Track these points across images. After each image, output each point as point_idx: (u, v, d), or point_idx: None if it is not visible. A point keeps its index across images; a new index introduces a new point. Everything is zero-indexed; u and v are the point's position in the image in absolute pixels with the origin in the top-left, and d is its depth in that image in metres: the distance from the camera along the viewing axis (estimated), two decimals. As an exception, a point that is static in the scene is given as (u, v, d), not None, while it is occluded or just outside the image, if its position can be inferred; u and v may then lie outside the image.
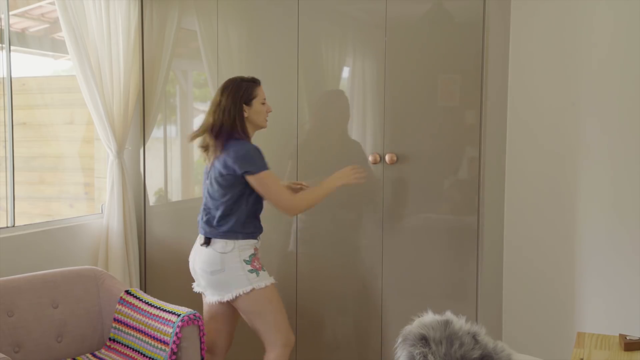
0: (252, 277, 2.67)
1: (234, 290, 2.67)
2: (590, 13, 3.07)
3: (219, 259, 2.67)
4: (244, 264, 2.67)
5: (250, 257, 2.69)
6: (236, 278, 2.67)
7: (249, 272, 2.67)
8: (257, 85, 2.76)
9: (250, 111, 2.71)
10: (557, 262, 3.19)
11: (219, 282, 2.69)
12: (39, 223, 3.27)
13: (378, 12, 3.01)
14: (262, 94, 2.76)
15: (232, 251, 2.67)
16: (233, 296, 2.68)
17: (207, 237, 2.73)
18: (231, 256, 2.66)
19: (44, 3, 3.53)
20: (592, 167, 3.10)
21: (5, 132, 3.15)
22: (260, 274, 2.69)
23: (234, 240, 2.67)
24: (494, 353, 1.87)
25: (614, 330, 2.72)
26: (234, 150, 2.64)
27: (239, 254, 2.67)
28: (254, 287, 2.67)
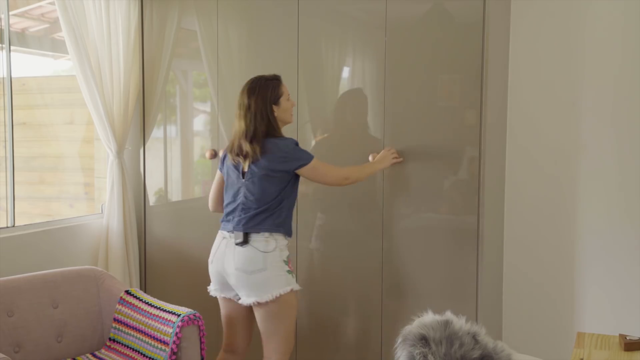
0: (289, 278, 2.65)
1: (274, 290, 2.61)
2: (590, 13, 3.07)
3: (261, 258, 2.61)
4: (283, 264, 2.65)
5: (287, 258, 2.68)
6: (277, 278, 2.62)
7: (287, 272, 2.66)
8: (280, 82, 2.74)
9: (279, 110, 2.71)
10: (557, 262, 3.19)
11: (259, 281, 2.62)
12: (39, 223, 3.27)
13: (378, 12, 3.01)
14: (287, 91, 2.76)
15: (274, 250, 2.63)
16: (273, 296, 2.61)
17: (245, 234, 2.64)
18: (273, 255, 2.63)
19: (44, 3, 3.53)
20: (592, 167, 3.10)
21: (5, 132, 3.15)
22: (294, 276, 2.69)
23: (275, 239, 2.64)
24: (494, 353, 1.87)
25: (614, 330, 2.72)
26: (278, 149, 2.65)
27: (280, 254, 2.64)
28: (292, 289, 2.65)
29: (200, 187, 3.64)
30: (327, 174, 2.73)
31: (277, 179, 2.66)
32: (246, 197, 2.69)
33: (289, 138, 2.71)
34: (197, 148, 3.60)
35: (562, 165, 3.16)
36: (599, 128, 3.08)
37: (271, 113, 2.68)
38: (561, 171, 3.16)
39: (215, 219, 3.46)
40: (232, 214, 2.72)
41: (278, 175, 2.65)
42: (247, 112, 2.67)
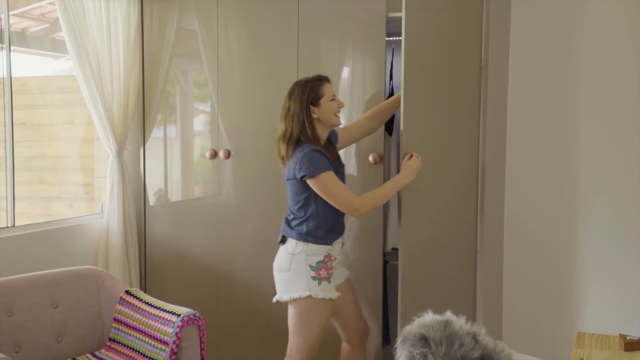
0: (312, 285, 2.62)
1: (292, 292, 2.64)
2: (591, 13, 3.07)
3: (288, 259, 2.66)
4: (308, 269, 2.63)
5: (317, 264, 2.63)
6: (297, 281, 2.63)
7: (312, 278, 2.63)
8: (322, 83, 2.68)
9: (319, 111, 2.65)
10: (557, 262, 3.19)
11: (282, 280, 2.68)
12: (39, 223, 3.27)
13: (378, 12, 3.01)
14: (330, 91, 2.68)
15: (299, 254, 2.63)
16: (290, 297, 2.64)
17: (283, 236, 2.72)
18: (298, 258, 2.64)
19: (44, 3, 3.53)
20: (592, 167, 3.10)
21: (5, 132, 3.15)
22: (322, 285, 2.63)
23: (303, 243, 2.64)
24: (494, 353, 1.87)
25: (614, 330, 2.72)
26: (295, 155, 2.62)
27: (306, 258, 2.63)
28: (310, 295, 2.62)
29: (200, 187, 3.64)
30: (336, 195, 2.60)
31: (298, 186, 2.64)
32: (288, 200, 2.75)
33: (311, 146, 2.61)
34: (197, 148, 3.60)
35: (562, 165, 3.16)
36: (599, 129, 3.08)
37: (308, 115, 2.64)
38: (561, 172, 3.17)
39: (215, 219, 3.46)
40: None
41: (295, 182, 2.64)
42: (287, 114, 2.67)
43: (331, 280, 2.66)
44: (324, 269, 2.64)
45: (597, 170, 3.09)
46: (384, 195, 2.67)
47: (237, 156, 3.38)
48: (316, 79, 2.68)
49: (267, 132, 3.32)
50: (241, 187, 3.41)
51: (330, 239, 2.67)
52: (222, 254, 3.45)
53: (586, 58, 3.10)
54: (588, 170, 3.11)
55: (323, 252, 2.65)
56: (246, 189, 3.40)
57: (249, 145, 3.37)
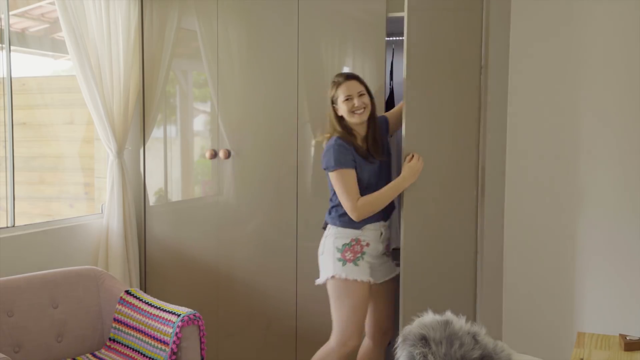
0: (337, 265, 2.72)
1: (322, 273, 2.80)
2: (590, 13, 3.07)
3: (322, 243, 2.83)
4: (335, 251, 2.74)
5: (343, 247, 2.74)
6: (327, 262, 2.76)
7: (337, 260, 2.73)
8: (339, 83, 2.77)
9: (339, 111, 2.78)
10: (557, 262, 3.19)
11: (320, 263, 2.83)
12: (39, 223, 3.27)
13: (378, 12, 3.01)
14: (345, 92, 2.74)
15: (329, 237, 2.78)
16: (322, 280, 2.78)
17: (325, 222, 2.86)
18: (329, 241, 2.78)
19: (44, 3, 3.53)
20: (591, 167, 3.10)
21: (5, 132, 3.15)
22: (347, 265, 2.72)
23: (334, 227, 2.77)
24: (494, 353, 1.87)
25: (614, 330, 2.72)
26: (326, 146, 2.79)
27: (334, 241, 2.75)
28: (334, 275, 2.72)
29: (200, 187, 3.64)
30: (341, 194, 2.72)
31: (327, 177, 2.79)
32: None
33: (335, 139, 2.75)
34: (197, 148, 3.60)
35: (562, 165, 3.16)
36: (599, 128, 3.08)
37: (333, 112, 2.79)
38: (561, 171, 3.17)
39: (215, 219, 3.46)
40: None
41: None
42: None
43: (358, 263, 2.73)
44: (349, 251, 2.73)
45: (597, 170, 3.09)
46: (384, 198, 2.72)
47: (237, 156, 3.38)
48: (337, 77, 2.80)
49: (267, 132, 3.33)
50: (241, 187, 3.41)
51: (358, 224, 2.74)
52: (222, 254, 3.45)
53: (586, 58, 3.10)
54: (588, 170, 3.11)
55: (350, 236, 2.74)
56: (246, 189, 3.40)
57: (249, 145, 3.37)
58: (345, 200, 2.69)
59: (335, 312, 2.79)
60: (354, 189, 2.70)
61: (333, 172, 2.71)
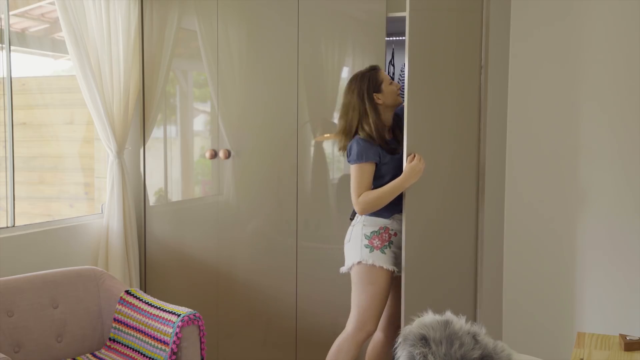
0: (364, 252, 2.73)
1: (349, 260, 2.79)
2: (590, 13, 3.07)
3: (350, 231, 2.83)
4: (363, 238, 2.75)
5: (372, 234, 2.75)
6: (354, 249, 2.77)
7: (365, 246, 2.74)
8: (378, 71, 2.81)
9: (383, 97, 2.77)
10: (557, 262, 3.19)
11: (346, 251, 2.82)
12: (39, 223, 3.27)
13: (378, 12, 3.01)
14: (386, 76, 2.81)
15: (357, 224, 2.79)
16: (348, 267, 2.79)
17: (353, 211, 2.84)
18: (357, 229, 2.78)
19: (44, 3, 3.53)
20: (592, 167, 3.10)
21: (5, 132, 3.15)
22: (374, 252, 2.74)
23: (364, 216, 2.77)
24: (494, 353, 1.87)
25: (614, 330, 2.72)
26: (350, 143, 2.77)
27: (362, 228, 2.76)
28: (360, 261, 2.73)
29: (200, 187, 3.64)
30: (352, 186, 2.74)
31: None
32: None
33: (358, 137, 2.74)
34: (197, 148, 3.60)
35: (562, 165, 3.16)
36: (599, 128, 3.08)
37: (371, 103, 2.74)
38: (561, 171, 3.17)
39: (215, 219, 3.46)
40: None
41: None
42: (348, 109, 2.80)
43: (385, 251, 2.75)
44: (377, 239, 2.75)
45: (597, 169, 3.09)
46: (386, 196, 2.73)
47: (237, 156, 3.38)
48: (371, 69, 2.82)
49: (267, 132, 3.33)
50: (241, 187, 3.41)
51: (387, 213, 2.76)
52: (222, 254, 3.45)
53: (586, 57, 3.10)
54: (588, 170, 3.11)
55: (379, 224, 2.77)
56: (246, 189, 3.40)
57: (249, 145, 3.37)
58: (352, 192, 2.74)
59: (356, 298, 2.78)
60: (364, 184, 2.73)
61: (354, 165, 2.73)
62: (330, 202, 3.23)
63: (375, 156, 2.72)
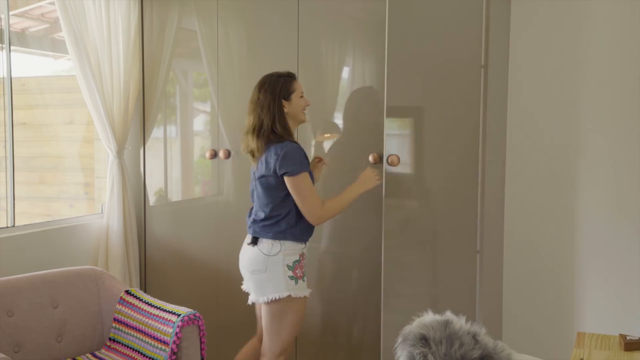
0: (290, 284, 2.62)
1: (270, 293, 2.63)
2: (590, 13, 3.07)
3: (262, 260, 2.63)
4: (286, 269, 2.62)
5: (294, 264, 2.64)
6: (276, 281, 2.62)
7: (290, 278, 2.62)
8: (293, 79, 2.72)
9: (289, 106, 2.67)
10: (557, 262, 3.19)
11: (259, 282, 2.65)
12: (39, 223, 3.27)
13: (378, 12, 3.01)
14: (300, 88, 2.71)
15: (277, 254, 2.62)
16: (268, 299, 2.63)
17: (254, 237, 2.69)
18: (276, 259, 2.62)
19: (44, 3, 3.53)
20: (592, 167, 3.10)
21: (5, 132, 3.15)
22: (298, 283, 2.64)
23: (280, 243, 2.62)
24: (494, 353, 1.87)
25: (614, 330, 2.72)
26: (275, 150, 2.60)
27: (284, 258, 2.62)
28: (290, 295, 2.62)
29: (200, 187, 3.64)
30: (307, 198, 2.59)
31: (276, 183, 2.62)
32: (255, 199, 2.73)
33: (293, 143, 2.63)
34: (197, 148, 3.60)
35: (562, 165, 3.16)
36: (599, 128, 3.08)
37: (279, 108, 2.64)
38: (561, 171, 3.17)
39: (215, 219, 3.46)
40: (249, 213, 2.77)
41: (273, 179, 2.61)
42: (256, 105, 2.65)
43: (305, 278, 2.69)
44: (299, 268, 2.65)
45: (597, 169, 3.09)
46: (344, 204, 2.70)
47: (237, 156, 3.38)
48: (288, 75, 2.71)
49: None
50: (241, 187, 3.41)
51: (306, 237, 2.69)
52: (222, 253, 3.45)
53: (586, 57, 3.10)
54: (588, 169, 3.11)
55: (299, 251, 2.66)
56: (246, 189, 3.39)
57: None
58: (312, 203, 2.60)
59: (276, 329, 2.68)
60: (316, 193, 2.63)
61: (298, 176, 2.57)
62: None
63: (308, 166, 2.64)
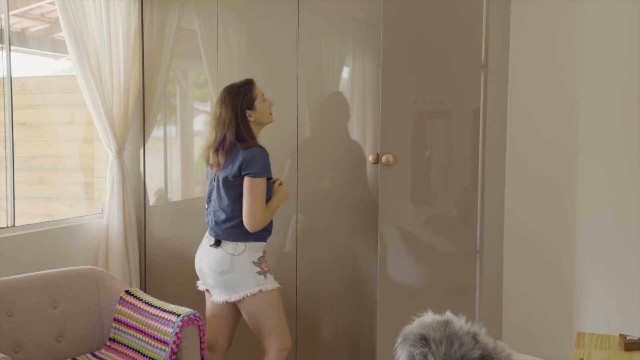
0: (259, 279, 2.70)
1: (241, 291, 2.69)
2: (590, 13, 3.07)
3: (229, 260, 2.69)
4: (253, 266, 2.70)
5: (259, 260, 2.71)
6: (245, 279, 2.69)
7: (258, 274, 2.70)
8: (252, 86, 2.75)
9: (255, 114, 2.72)
10: (557, 262, 3.19)
11: (228, 282, 2.71)
12: (39, 223, 3.27)
13: (378, 12, 3.01)
14: (260, 91, 2.76)
15: (242, 253, 2.69)
16: (240, 297, 2.70)
17: (217, 239, 2.73)
18: (241, 258, 2.69)
19: (44, 3, 3.53)
20: (591, 167, 3.10)
21: (5, 132, 3.15)
22: (267, 277, 2.72)
23: (244, 242, 2.69)
24: (494, 353, 1.87)
25: (614, 330, 2.72)
26: (243, 153, 2.65)
27: (249, 256, 2.69)
28: (261, 289, 2.69)
29: (200, 187, 3.64)
30: (254, 202, 2.63)
31: (239, 186, 2.67)
32: (215, 201, 2.77)
33: (259, 147, 2.68)
34: (197, 148, 3.60)
35: (562, 165, 3.16)
36: (599, 128, 3.08)
37: (243, 119, 2.69)
38: (561, 171, 3.17)
39: (215, 219, 3.46)
40: (208, 216, 2.82)
41: (237, 182, 2.67)
42: (218, 122, 2.71)
43: (271, 272, 2.77)
44: (264, 263, 2.73)
45: (597, 169, 3.09)
46: (273, 212, 2.75)
47: (237, 156, 3.38)
48: (245, 83, 2.75)
49: (267, 132, 3.32)
50: (241, 187, 3.41)
51: (267, 236, 2.76)
52: (222, 254, 3.45)
53: (586, 57, 3.10)
54: (588, 169, 3.11)
55: (261, 249, 2.74)
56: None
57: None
58: (258, 209, 2.63)
59: (266, 324, 2.75)
60: (264, 201, 2.68)
61: (258, 179, 2.63)
62: (328, 203, 3.22)
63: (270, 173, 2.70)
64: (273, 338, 2.77)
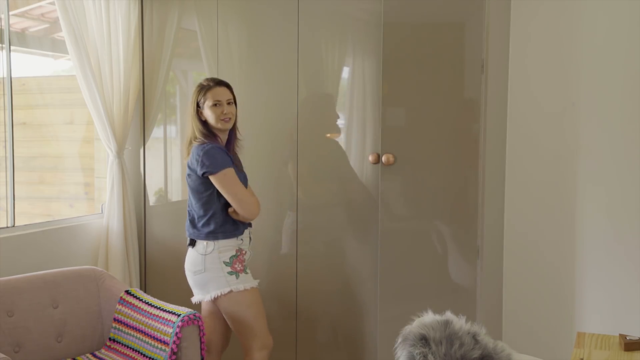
0: (230, 280, 2.70)
1: (212, 291, 2.72)
2: (590, 13, 3.07)
3: (200, 260, 2.72)
4: (223, 266, 2.70)
5: (231, 259, 2.71)
6: (215, 279, 2.71)
7: (228, 274, 2.70)
8: (210, 87, 2.72)
9: (204, 114, 2.73)
10: (557, 262, 3.19)
11: (200, 282, 2.74)
12: (39, 223, 3.27)
13: (378, 12, 3.01)
14: (214, 97, 2.71)
15: (212, 252, 2.70)
16: (212, 297, 2.72)
17: (191, 239, 2.77)
18: (211, 257, 2.71)
19: (44, 3, 3.53)
20: (591, 168, 3.10)
21: (5, 132, 3.15)
22: (240, 277, 2.71)
23: (213, 242, 2.70)
24: (494, 353, 1.87)
25: (614, 330, 2.72)
26: (194, 152, 2.68)
27: (219, 256, 2.70)
28: (231, 290, 2.70)
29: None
30: (236, 195, 2.64)
31: (200, 184, 2.69)
32: (188, 201, 2.80)
33: (210, 144, 2.67)
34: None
35: (562, 165, 3.16)
36: (599, 128, 3.08)
37: (197, 116, 2.72)
38: (561, 171, 3.17)
39: (215, 219, 3.46)
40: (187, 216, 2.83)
41: (194, 179, 2.69)
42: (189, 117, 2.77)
43: (247, 271, 2.76)
44: (238, 262, 2.72)
45: (597, 170, 3.09)
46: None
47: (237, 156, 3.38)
48: (207, 82, 2.74)
49: (266, 132, 3.33)
50: (241, 187, 3.41)
51: (239, 232, 2.74)
52: (222, 254, 3.45)
53: (586, 57, 3.10)
54: (588, 170, 3.11)
55: (234, 247, 2.73)
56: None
57: (247, 145, 3.36)
58: (243, 196, 2.66)
59: (243, 324, 2.75)
60: (243, 187, 2.70)
61: (221, 173, 2.62)
62: (328, 202, 3.22)
63: (232, 164, 2.69)
64: (251, 338, 2.77)
